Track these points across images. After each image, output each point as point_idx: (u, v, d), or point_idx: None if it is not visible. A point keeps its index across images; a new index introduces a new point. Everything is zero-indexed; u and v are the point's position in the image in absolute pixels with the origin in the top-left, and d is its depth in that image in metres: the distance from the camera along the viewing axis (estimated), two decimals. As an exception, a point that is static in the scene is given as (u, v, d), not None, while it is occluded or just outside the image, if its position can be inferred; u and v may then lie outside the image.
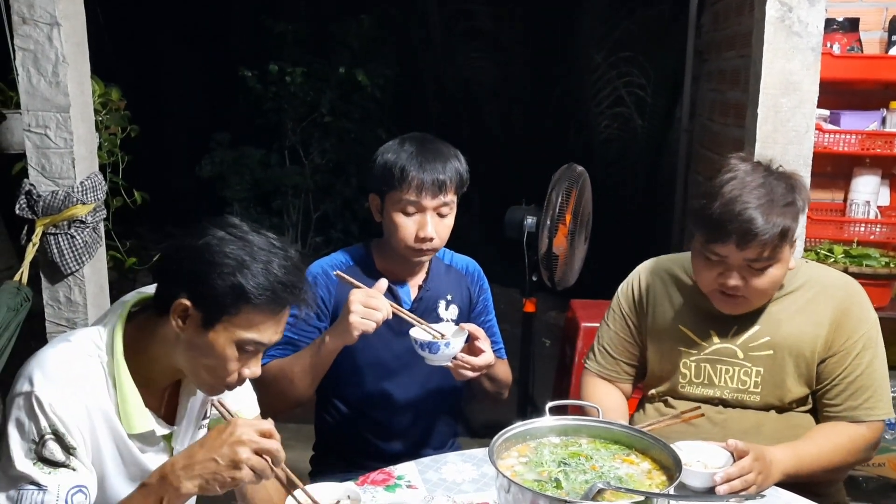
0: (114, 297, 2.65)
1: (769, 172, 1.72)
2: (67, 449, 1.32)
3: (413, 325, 1.83)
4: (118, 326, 1.40)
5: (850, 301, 1.81)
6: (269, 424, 1.33)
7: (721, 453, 1.63)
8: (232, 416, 1.41)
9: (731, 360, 1.85)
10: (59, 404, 1.31)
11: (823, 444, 1.76)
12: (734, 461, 1.60)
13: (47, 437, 1.30)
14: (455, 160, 1.91)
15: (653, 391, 1.97)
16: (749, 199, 1.66)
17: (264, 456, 1.29)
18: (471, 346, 1.85)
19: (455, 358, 1.81)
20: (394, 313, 1.79)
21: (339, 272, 1.88)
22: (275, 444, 1.30)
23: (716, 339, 1.86)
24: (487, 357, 1.84)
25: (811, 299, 1.83)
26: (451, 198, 1.90)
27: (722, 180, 1.71)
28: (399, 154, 1.87)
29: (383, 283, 1.82)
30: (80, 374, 1.36)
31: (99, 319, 1.46)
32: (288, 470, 1.36)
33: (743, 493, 1.58)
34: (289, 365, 1.86)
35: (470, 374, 1.84)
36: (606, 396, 2.00)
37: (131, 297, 1.46)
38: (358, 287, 1.80)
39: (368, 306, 1.74)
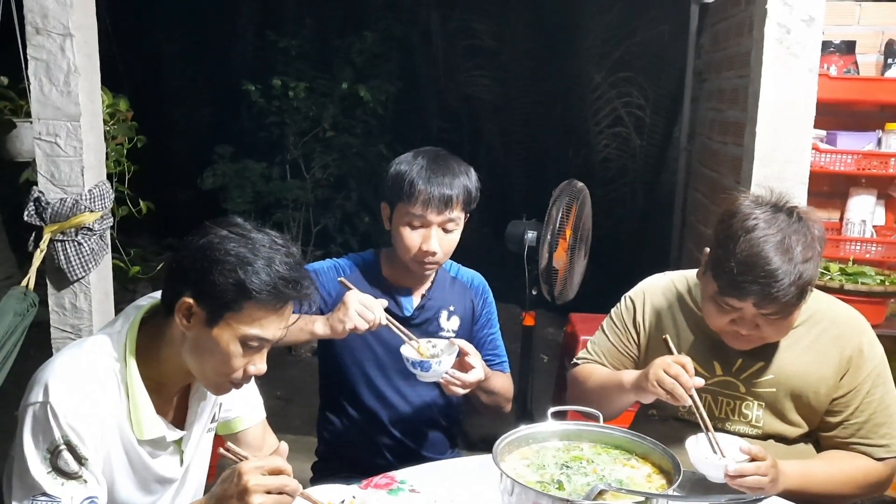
0: (115, 306, 2.67)
1: (789, 218, 1.60)
2: (80, 459, 1.33)
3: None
4: (130, 333, 1.42)
5: (856, 340, 1.76)
6: (277, 461, 1.29)
7: (735, 451, 1.61)
8: (244, 458, 1.33)
9: (733, 394, 1.80)
10: (74, 414, 1.32)
11: (835, 472, 1.73)
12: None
13: (61, 447, 1.32)
14: (464, 176, 1.93)
15: (652, 411, 1.95)
16: (770, 257, 1.55)
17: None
18: (461, 362, 1.86)
19: (447, 374, 1.84)
20: (388, 327, 1.83)
21: (341, 279, 1.92)
22: (283, 480, 1.27)
23: (719, 372, 1.81)
24: (477, 374, 1.86)
25: (817, 338, 1.78)
26: (458, 214, 1.93)
27: (739, 230, 1.59)
28: (411, 167, 1.90)
29: (383, 302, 1.85)
30: (93, 382, 1.37)
31: (110, 324, 1.47)
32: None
33: (748, 492, 1.57)
34: None
35: (460, 390, 1.86)
36: (599, 369, 1.97)
37: (145, 303, 1.48)
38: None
39: (364, 305, 1.78)
